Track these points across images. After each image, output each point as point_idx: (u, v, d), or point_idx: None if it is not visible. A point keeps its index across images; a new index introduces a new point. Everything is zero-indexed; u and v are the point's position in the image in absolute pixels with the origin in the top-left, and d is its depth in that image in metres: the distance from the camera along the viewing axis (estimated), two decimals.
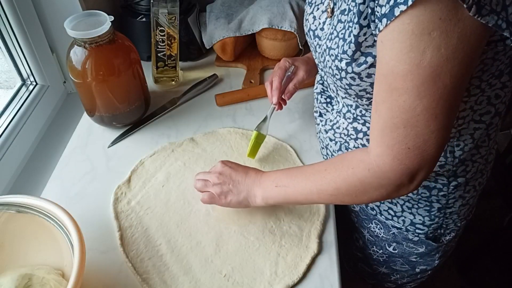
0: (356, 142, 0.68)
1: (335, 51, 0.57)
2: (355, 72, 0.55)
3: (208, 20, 1.06)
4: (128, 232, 0.69)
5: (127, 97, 0.84)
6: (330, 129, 0.72)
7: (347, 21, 0.54)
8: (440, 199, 0.68)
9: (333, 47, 0.57)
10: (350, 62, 0.55)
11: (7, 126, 0.84)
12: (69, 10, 0.88)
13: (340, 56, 0.56)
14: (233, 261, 0.65)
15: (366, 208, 0.77)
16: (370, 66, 0.53)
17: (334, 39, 0.57)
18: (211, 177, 0.68)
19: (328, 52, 0.59)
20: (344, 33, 0.54)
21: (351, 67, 0.55)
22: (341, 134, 0.70)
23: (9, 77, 0.95)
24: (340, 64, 0.56)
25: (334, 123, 0.71)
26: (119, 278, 0.64)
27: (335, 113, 0.71)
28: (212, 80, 0.99)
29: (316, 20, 0.65)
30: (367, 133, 0.66)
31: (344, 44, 0.54)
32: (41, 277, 0.58)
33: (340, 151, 0.72)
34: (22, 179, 0.82)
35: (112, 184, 0.76)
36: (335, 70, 0.58)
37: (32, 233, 0.61)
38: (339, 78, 0.59)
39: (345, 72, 0.57)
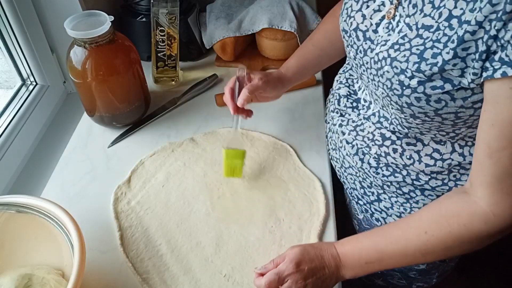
0: (380, 149, 0.65)
1: (403, 65, 0.52)
2: (426, 93, 0.52)
3: (208, 20, 1.06)
4: (128, 232, 0.69)
5: (127, 97, 0.84)
6: (352, 130, 0.68)
7: (432, 39, 0.50)
8: None
9: (399, 59, 0.53)
10: (424, 82, 0.51)
11: (7, 126, 0.84)
12: (69, 10, 0.88)
13: (412, 72, 0.51)
14: (233, 261, 0.65)
15: (371, 218, 0.75)
16: (446, 92, 0.50)
17: (403, 51, 0.52)
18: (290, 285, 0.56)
19: (390, 63, 0.54)
20: (423, 50, 0.50)
21: (422, 87, 0.51)
22: (364, 138, 0.66)
23: (9, 77, 0.95)
24: (409, 81, 0.52)
25: (358, 124, 0.68)
26: (119, 278, 0.64)
27: (362, 117, 0.68)
28: (212, 80, 0.99)
29: (366, 20, 0.60)
30: (395, 142, 0.63)
31: (422, 62, 0.50)
32: (41, 277, 0.58)
33: (356, 156, 0.68)
34: (22, 179, 0.82)
35: (112, 184, 0.76)
36: (396, 84, 0.54)
37: (32, 233, 0.61)
38: (399, 95, 0.54)
39: (411, 90, 0.52)
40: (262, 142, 0.84)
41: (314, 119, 0.90)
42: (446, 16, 0.48)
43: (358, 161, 0.70)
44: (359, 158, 0.69)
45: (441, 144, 0.61)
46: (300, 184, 0.76)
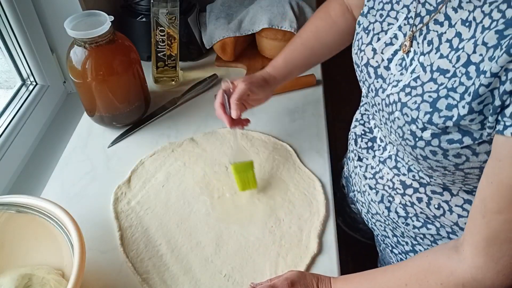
0: (403, 198, 0.61)
1: (413, 113, 0.47)
2: (442, 147, 0.46)
3: (208, 20, 1.06)
4: (128, 232, 0.69)
5: (127, 97, 0.84)
6: (371, 177, 0.65)
7: (447, 87, 0.44)
8: None
9: (410, 105, 0.48)
10: (439, 134, 0.46)
11: (7, 126, 0.84)
12: (69, 10, 0.88)
13: (423, 124, 0.46)
14: (233, 261, 0.65)
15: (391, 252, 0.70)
16: (466, 147, 0.45)
17: (414, 96, 0.47)
18: None
19: (401, 109, 0.49)
20: (436, 99, 0.45)
21: (437, 140, 0.46)
22: (385, 186, 0.62)
23: (9, 77, 0.95)
24: (421, 133, 0.47)
25: (377, 171, 0.63)
26: (119, 278, 0.64)
27: (378, 161, 0.63)
28: (212, 80, 0.99)
29: (377, 55, 0.55)
30: (418, 190, 0.59)
31: (435, 113, 0.45)
32: (41, 277, 0.58)
33: (382, 204, 0.65)
34: (22, 179, 0.82)
35: (112, 184, 0.76)
36: (408, 134, 0.49)
37: (32, 233, 0.61)
38: (412, 146, 0.49)
39: (424, 142, 0.47)
40: (262, 142, 0.84)
41: (314, 119, 0.90)
42: (464, 62, 0.43)
43: (384, 209, 0.65)
44: (385, 206, 0.65)
45: (473, 194, 0.55)
46: (300, 184, 0.76)
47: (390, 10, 0.55)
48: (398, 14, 0.54)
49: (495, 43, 0.40)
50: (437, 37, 0.47)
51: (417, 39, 0.50)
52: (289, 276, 0.56)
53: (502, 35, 0.40)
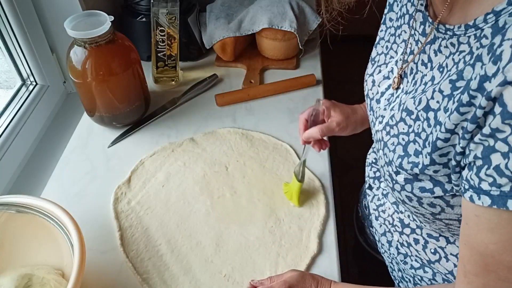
0: (401, 237, 0.60)
1: (390, 155, 0.46)
2: (415, 194, 0.46)
3: (208, 20, 1.06)
4: (128, 232, 0.69)
5: (127, 97, 0.84)
6: (375, 208, 0.64)
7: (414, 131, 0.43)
8: None
9: (389, 146, 0.47)
10: (411, 180, 0.45)
11: (7, 126, 0.84)
12: (69, 10, 0.88)
13: (396, 167, 0.46)
14: (233, 261, 0.65)
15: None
16: (437, 197, 0.44)
17: (392, 136, 0.47)
18: None
19: (383, 148, 0.48)
20: (407, 143, 0.44)
21: (410, 186, 0.45)
22: (386, 221, 0.62)
23: (9, 77, 0.95)
24: (395, 176, 0.46)
25: (381, 203, 0.63)
26: (119, 278, 0.64)
27: (381, 192, 0.63)
28: (212, 80, 0.99)
29: (374, 87, 0.54)
30: (415, 231, 0.58)
31: (405, 158, 0.44)
32: (41, 277, 0.58)
33: (384, 237, 0.64)
34: (22, 179, 0.82)
35: (112, 184, 0.76)
36: (387, 175, 0.48)
37: (32, 233, 0.61)
38: (391, 187, 0.48)
39: (400, 186, 0.47)
40: (262, 142, 0.84)
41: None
42: (424, 106, 0.43)
43: (385, 243, 0.65)
44: (387, 240, 0.65)
45: None
46: None
47: (393, 43, 0.54)
48: (398, 48, 0.53)
49: (449, 92, 0.40)
50: (420, 78, 0.47)
51: (407, 77, 0.49)
52: (288, 279, 0.56)
53: (455, 85, 0.39)
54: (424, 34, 0.47)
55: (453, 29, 0.41)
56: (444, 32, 0.43)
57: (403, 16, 0.53)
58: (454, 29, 0.41)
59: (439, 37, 0.44)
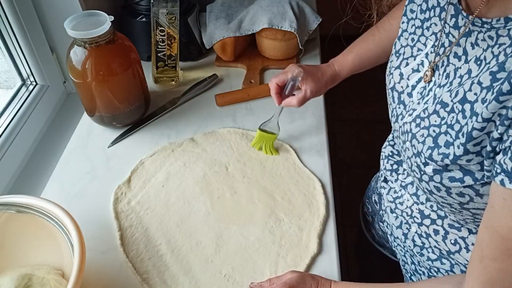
0: (419, 228, 0.60)
1: (419, 146, 0.47)
2: (444, 184, 0.46)
3: (208, 20, 1.06)
4: (128, 232, 0.69)
5: (127, 97, 0.84)
6: (392, 200, 0.64)
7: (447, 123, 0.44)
8: None
9: (418, 137, 0.47)
10: (441, 171, 0.45)
11: (7, 126, 0.84)
12: (69, 10, 0.88)
13: (425, 159, 0.46)
14: (233, 261, 0.65)
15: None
16: (467, 187, 0.45)
17: (422, 128, 0.47)
18: None
19: (411, 139, 0.48)
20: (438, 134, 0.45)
21: (439, 177, 0.46)
22: (403, 212, 0.62)
23: (9, 77, 0.95)
24: (424, 167, 0.47)
25: (398, 196, 0.63)
26: (119, 278, 0.64)
27: (400, 185, 0.63)
28: (212, 80, 0.99)
29: (403, 80, 0.54)
30: (435, 222, 0.58)
31: (435, 150, 0.45)
32: (41, 277, 0.58)
33: (400, 229, 0.64)
34: (22, 179, 0.82)
35: (112, 184, 0.76)
36: (415, 167, 0.49)
37: (32, 233, 0.61)
38: (418, 178, 0.49)
39: (428, 177, 0.47)
40: None
41: (314, 119, 0.90)
42: (460, 98, 0.43)
43: (401, 235, 0.65)
44: (403, 232, 0.65)
45: None
46: (300, 184, 0.76)
47: (421, 35, 0.54)
48: (427, 41, 0.53)
49: (488, 84, 0.40)
50: (453, 71, 0.47)
51: (439, 69, 0.50)
52: (288, 281, 0.56)
53: (495, 77, 0.40)
54: (456, 27, 0.47)
55: (491, 22, 0.42)
56: (480, 25, 0.43)
57: (434, 9, 0.52)
58: (492, 22, 0.42)
59: (475, 30, 0.44)
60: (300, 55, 1.07)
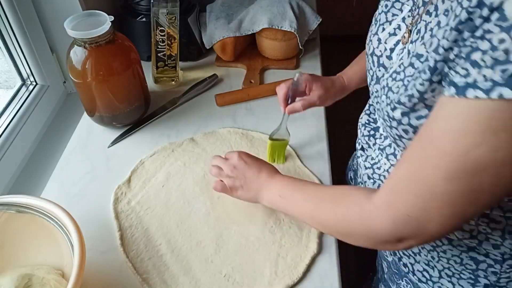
0: None
1: (393, 96, 0.49)
2: (411, 124, 0.48)
3: (208, 20, 1.06)
4: (128, 232, 0.69)
5: (127, 97, 0.84)
6: (369, 166, 0.67)
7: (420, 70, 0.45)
8: (489, 276, 0.59)
9: (394, 89, 0.49)
10: (408, 113, 0.48)
11: (7, 126, 0.84)
12: (69, 10, 0.88)
13: (394, 104, 0.49)
14: (233, 261, 0.65)
15: (398, 262, 0.70)
16: None
17: (398, 81, 0.49)
18: (226, 168, 0.67)
19: (386, 93, 0.51)
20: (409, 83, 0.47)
21: (407, 118, 0.48)
22: (381, 176, 0.64)
23: (9, 77, 0.95)
24: (393, 113, 0.49)
25: (376, 162, 0.65)
26: (119, 278, 0.64)
27: (377, 150, 0.65)
28: (212, 80, 0.99)
29: (381, 44, 0.56)
30: None
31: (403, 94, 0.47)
32: (41, 277, 0.58)
33: None
34: (22, 179, 0.82)
35: (112, 184, 0.76)
36: (386, 116, 0.51)
37: (32, 233, 0.61)
38: (389, 126, 0.52)
39: (396, 122, 0.50)
40: (262, 142, 0.84)
41: (314, 119, 0.90)
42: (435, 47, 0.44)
43: None
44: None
45: None
46: None
47: (395, 1, 0.56)
48: (403, 6, 0.55)
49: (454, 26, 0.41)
50: (423, 26, 0.48)
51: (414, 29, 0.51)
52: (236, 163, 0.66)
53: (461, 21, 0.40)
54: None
55: None
56: None
57: None
58: None
59: None
60: (300, 55, 1.07)
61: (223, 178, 0.67)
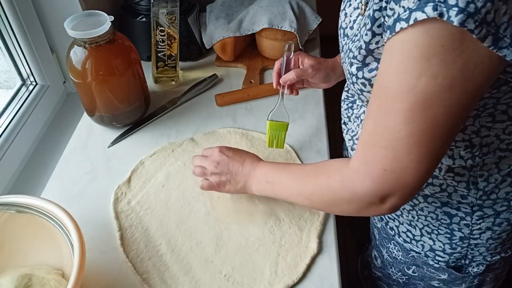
0: None
1: (348, 53, 0.54)
2: (366, 77, 0.52)
3: (208, 20, 1.06)
4: (128, 232, 0.69)
5: (127, 97, 0.84)
6: (350, 139, 0.69)
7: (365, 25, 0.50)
8: (462, 228, 0.63)
9: (353, 50, 0.53)
10: (361, 67, 0.52)
11: (7, 126, 0.84)
12: (69, 10, 0.88)
13: (350, 60, 0.53)
14: (233, 261, 0.65)
15: (386, 226, 0.75)
16: None
17: (355, 41, 0.53)
18: (209, 165, 0.68)
19: (348, 54, 0.55)
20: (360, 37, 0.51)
21: (361, 72, 0.52)
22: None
23: (9, 77, 0.95)
24: (350, 68, 0.54)
25: (355, 134, 0.68)
26: (119, 278, 0.64)
27: (355, 120, 0.68)
28: (212, 80, 0.99)
29: (347, 18, 0.60)
30: None
31: (355, 46, 0.52)
32: (41, 277, 0.58)
33: None
34: (22, 179, 0.82)
35: (112, 184, 0.76)
36: (348, 74, 0.56)
37: (32, 233, 0.61)
38: (351, 83, 0.56)
39: (355, 77, 0.54)
40: (262, 142, 0.84)
41: (314, 119, 0.90)
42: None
43: None
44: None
45: None
46: None
47: None
48: None
49: None
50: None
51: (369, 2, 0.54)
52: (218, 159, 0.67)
53: None
54: None
55: None
56: None
57: None
58: None
59: None
60: None
61: (208, 177, 0.68)
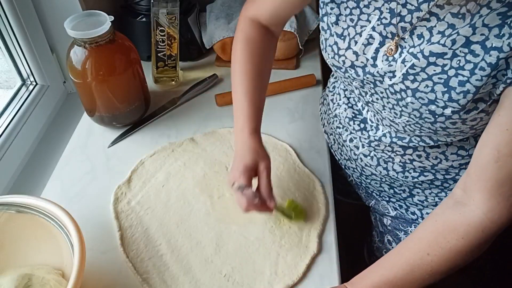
0: (403, 158, 0.67)
1: (429, 95, 0.53)
2: (461, 117, 0.53)
3: (208, 20, 1.06)
4: (128, 232, 0.69)
5: (127, 97, 0.84)
6: (367, 145, 0.69)
7: (453, 67, 0.50)
8: None
9: (423, 89, 0.53)
10: (459, 110, 0.52)
11: (7, 126, 0.84)
12: (69, 10, 0.88)
13: (444, 102, 0.52)
14: (233, 261, 0.65)
15: (406, 213, 0.75)
16: (480, 111, 0.52)
17: (422, 81, 0.53)
18: None
19: (413, 94, 0.54)
20: (447, 79, 0.51)
21: (458, 115, 0.52)
22: (384, 151, 0.68)
23: (9, 77, 0.95)
24: (443, 110, 0.53)
25: (371, 140, 0.68)
26: (119, 278, 0.64)
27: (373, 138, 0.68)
28: (212, 80, 0.99)
29: (360, 56, 0.59)
30: (417, 149, 0.65)
31: (452, 92, 0.51)
32: (41, 277, 0.58)
33: (379, 167, 0.70)
34: (22, 179, 0.82)
35: (112, 184, 0.76)
36: (427, 113, 0.55)
37: (32, 233, 0.61)
38: (431, 122, 0.55)
39: (445, 117, 0.53)
40: None
41: (314, 119, 0.90)
42: (462, 43, 0.49)
43: (382, 170, 0.71)
44: (383, 167, 0.70)
45: (464, 141, 0.63)
46: (300, 184, 0.76)
47: (360, 14, 0.57)
48: (370, 17, 0.57)
49: (499, 22, 0.46)
50: (427, 30, 0.52)
51: (405, 38, 0.54)
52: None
53: (506, 15, 0.45)
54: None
55: None
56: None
57: None
58: None
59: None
60: (300, 55, 1.07)
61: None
